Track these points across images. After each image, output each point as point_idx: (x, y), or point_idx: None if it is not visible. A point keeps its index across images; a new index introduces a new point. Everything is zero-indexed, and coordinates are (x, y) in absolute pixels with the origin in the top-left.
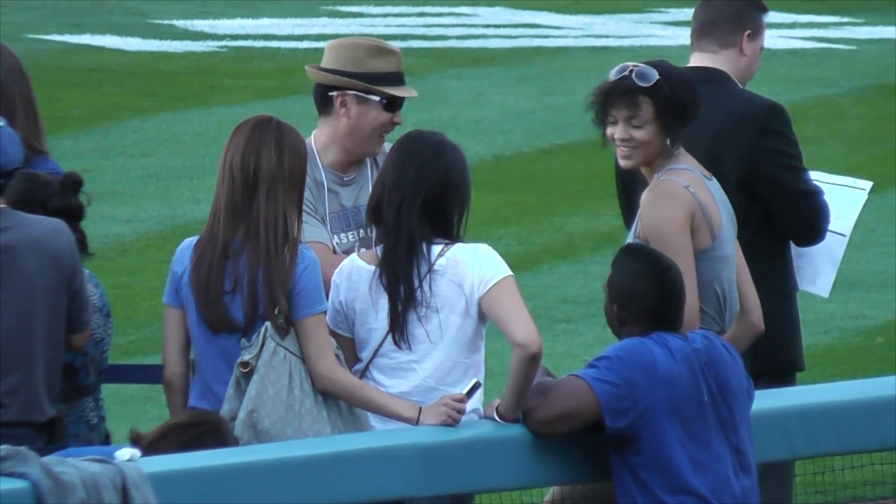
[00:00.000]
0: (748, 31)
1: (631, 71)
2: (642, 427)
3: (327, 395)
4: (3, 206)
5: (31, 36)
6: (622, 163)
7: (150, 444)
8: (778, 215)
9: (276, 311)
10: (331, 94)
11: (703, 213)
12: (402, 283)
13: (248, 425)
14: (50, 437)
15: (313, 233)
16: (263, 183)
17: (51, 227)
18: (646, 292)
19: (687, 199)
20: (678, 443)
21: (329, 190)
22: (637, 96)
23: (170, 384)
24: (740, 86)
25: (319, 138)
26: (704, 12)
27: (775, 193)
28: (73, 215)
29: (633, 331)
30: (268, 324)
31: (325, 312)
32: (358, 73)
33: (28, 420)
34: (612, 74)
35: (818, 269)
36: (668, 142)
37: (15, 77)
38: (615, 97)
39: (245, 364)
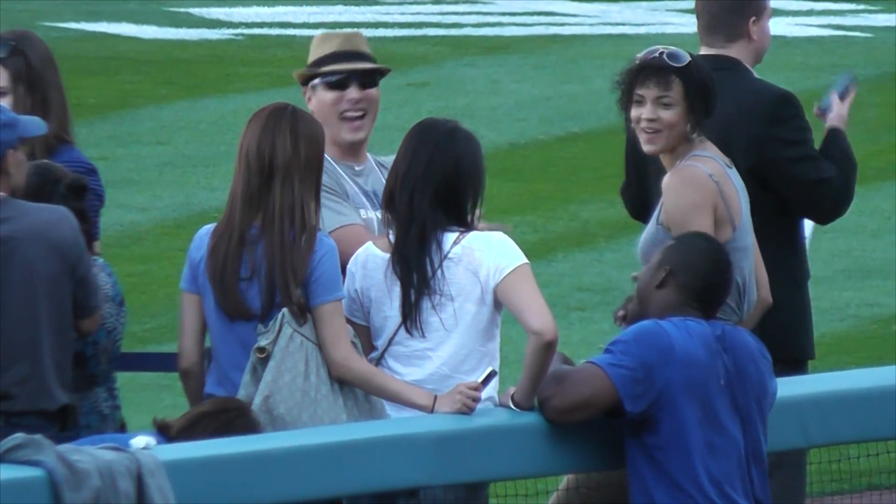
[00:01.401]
0: (753, 18)
1: (661, 53)
2: (661, 408)
3: (343, 383)
4: (2, 195)
5: (47, 24)
6: (646, 147)
7: (180, 434)
8: (792, 203)
9: (291, 299)
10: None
11: (725, 205)
12: (415, 270)
13: (263, 411)
14: (62, 424)
15: (342, 218)
16: (279, 171)
17: (52, 215)
18: (705, 270)
19: (710, 187)
20: (697, 424)
21: (348, 182)
22: (669, 75)
23: (187, 372)
24: (753, 71)
25: None
26: (707, 8)
27: (787, 183)
28: None
29: (665, 297)
30: (285, 310)
31: (342, 300)
32: (309, 64)
33: (39, 408)
34: (641, 56)
35: None
36: (689, 127)
37: (48, 66)
38: (647, 75)
39: (262, 349)
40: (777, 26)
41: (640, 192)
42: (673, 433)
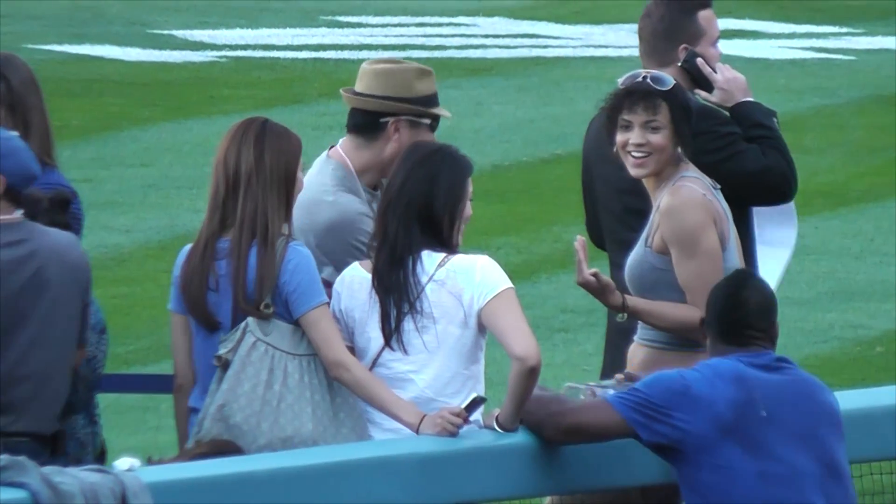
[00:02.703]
0: (684, 45)
1: (645, 77)
2: (696, 450)
3: (321, 393)
4: (21, 216)
5: (31, 46)
6: (634, 172)
7: None
8: (749, 198)
9: (250, 308)
10: (383, 120)
11: (719, 223)
12: (390, 286)
13: (217, 419)
14: (53, 449)
15: None
16: (242, 180)
17: (67, 239)
18: (712, 300)
19: (708, 205)
20: (739, 459)
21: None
22: (656, 99)
23: (181, 387)
24: (688, 93)
25: (358, 160)
26: (643, 34)
27: (732, 181)
28: None
29: (709, 347)
30: (249, 318)
31: (327, 304)
32: (411, 97)
33: (37, 431)
34: (625, 80)
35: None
36: (679, 150)
37: (30, 89)
38: (635, 100)
39: (219, 358)
40: (759, 49)
41: (597, 220)
42: (717, 472)
